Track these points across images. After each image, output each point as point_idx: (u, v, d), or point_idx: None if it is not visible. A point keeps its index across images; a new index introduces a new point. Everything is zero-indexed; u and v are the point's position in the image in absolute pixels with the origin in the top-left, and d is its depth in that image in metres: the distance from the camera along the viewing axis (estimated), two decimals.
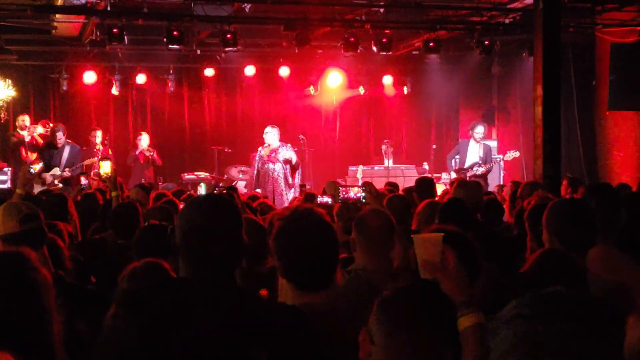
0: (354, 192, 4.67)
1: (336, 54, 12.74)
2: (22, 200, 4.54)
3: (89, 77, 12.91)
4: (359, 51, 11.45)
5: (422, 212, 4.58)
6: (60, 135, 11.17)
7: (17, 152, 11.38)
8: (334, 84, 14.27)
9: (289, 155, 11.23)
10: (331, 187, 6.54)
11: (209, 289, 2.00)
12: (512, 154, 11.80)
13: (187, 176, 12.77)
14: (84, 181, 8.33)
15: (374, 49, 11.50)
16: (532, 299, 1.20)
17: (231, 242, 2.15)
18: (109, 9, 10.16)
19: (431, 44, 11.76)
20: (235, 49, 10.96)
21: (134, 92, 14.05)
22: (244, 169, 12.93)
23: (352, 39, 11.11)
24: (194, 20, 10.68)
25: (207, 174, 12.85)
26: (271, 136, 11.32)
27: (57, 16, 10.79)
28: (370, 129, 15.49)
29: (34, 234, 3.18)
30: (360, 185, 5.48)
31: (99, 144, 11.75)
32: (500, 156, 12.38)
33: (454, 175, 11.31)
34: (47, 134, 11.53)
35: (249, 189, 11.30)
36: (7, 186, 10.04)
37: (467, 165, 11.50)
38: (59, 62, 13.20)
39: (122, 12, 10.51)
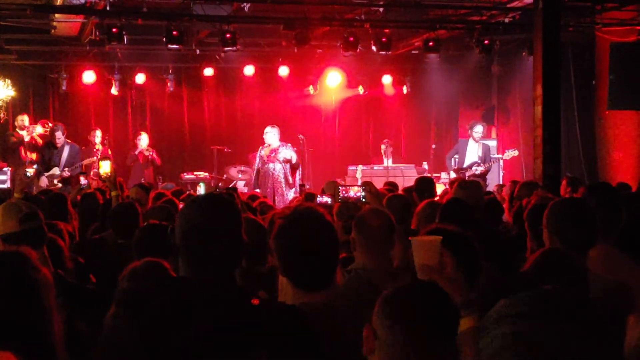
0: (354, 192, 4.65)
1: (336, 54, 12.73)
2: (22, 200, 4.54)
3: (89, 77, 12.89)
4: (359, 51, 11.44)
5: (422, 211, 4.58)
6: (59, 135, 11.17)
7: (17, 152, 11.37)
8: (333, 83, 14.26)
9: (289, 154, 11.23)
10: (330, 186, 6.52)
11: (209, 288, 2.00)
12: (511, 153, 11.81)
13: (186, 176, 12.76)
14: (83, 181, 8.32)
15: (374, 48, 11.50)
16: (525, 298, 1.19)
17: (231, 241, 2.14)
18: (108, 8, 10.15)
19: (431, 44, 11.76)
20: (234, 48, 10.96)
21: (134, 91, 14.03)
22: (243, 168, 12.91)
23: (352, 39, 11.11)
24: (194, 19, 10.68)
25: (207, 174, 12.84)
26: (271, 136, 11.31)
27: (56, 16, 10.78)
28: (369, 129, 15.46)
29: (34, 233, 3.17)
30: (360, 184, 5.47)
31: (99, 144, 11.74)
32: (499, 155, 12.38)
33: (453, 174, 11.32)
34: (46, 133, 11.52)
35: (249, 189, 11.30)
36: (6, 186, 10.03)
37: (466, 164, 11.51)
38: (58, 62, 13.18)
39: (121, 11, 10.51)
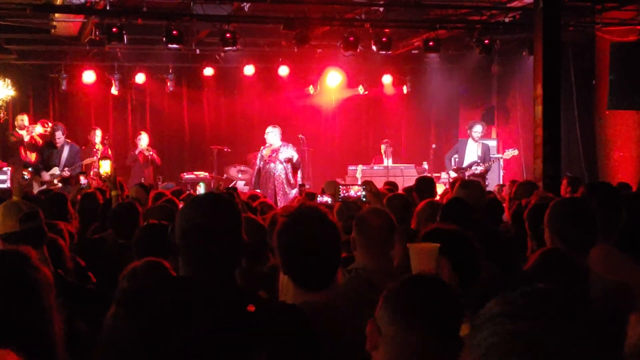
0: (354, 191, 4.64)
1: (336, 53, 12.72)
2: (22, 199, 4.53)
3: (88, 77, 12.89)
4: (359, 50, 11.43)
5: (422, 211, 4.59)
6: (59, 134, 11.17)
7: (17, 151, 11.37)
8: (333, 83, 14.26)
9: (290, 153, 11.23)
10: (330, 186, 6.52)
11: (209, 288, 2.00)
12: (510, 152, 11.81)
13: (186, 176, 12.76)
14: (83, 180, 8.31)
15: (374, 48, 11.49)
16: (520, 296, 1.18)
17: (231, 241, 2.14)
18: (108, 8, 10.15)
19: (431, 43, 11.75)
20: (234, 48, 10.95)
21: (133, 91, 14.03)
22: (243, 168, 12.91)
23: (352, 38, 11.10)
24: (193, 19, 10.66)
25: (207, 174, 12.84)
26: (272, 136, 11.31)
27: (56, 15, 10.77)
28: (369, 129, 15.46)
29: (34, 233, 3.17)
30: (360, 184, 5.47)
31: (99, 144, 11.74)
32: (499, 155, 12.38)
33: (453, 174, 11.32)
34: (46, 133, 11.52)
35: (249, 189, 11.29)
36: (6, 186, 10.04)
37: (465, 164, 11.50)
38: (58, 62, 13.18)
39: (121, 11, 10.49)
